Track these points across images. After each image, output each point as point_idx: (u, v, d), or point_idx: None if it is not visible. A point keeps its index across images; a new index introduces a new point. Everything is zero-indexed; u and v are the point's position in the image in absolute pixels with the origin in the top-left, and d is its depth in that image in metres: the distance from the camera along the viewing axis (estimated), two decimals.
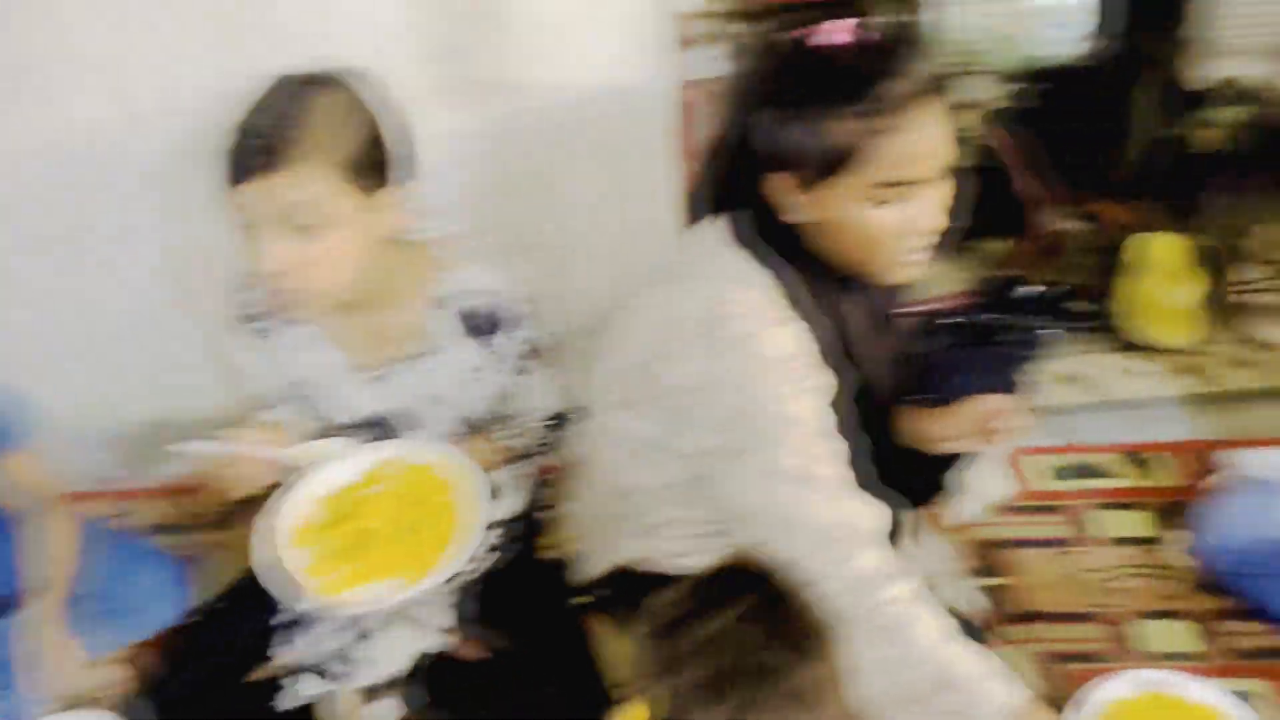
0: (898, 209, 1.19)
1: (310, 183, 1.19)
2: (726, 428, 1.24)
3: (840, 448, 1.26)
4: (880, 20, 1.19)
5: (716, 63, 2.15)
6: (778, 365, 1.22)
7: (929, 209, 1.20)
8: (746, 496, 1.26)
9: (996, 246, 2.41)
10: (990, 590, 1.77)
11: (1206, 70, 2.16)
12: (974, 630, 1.63)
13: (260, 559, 1.27)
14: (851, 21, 1.20)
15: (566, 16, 1.68)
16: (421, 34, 1.63)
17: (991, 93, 2.12)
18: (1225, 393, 2.07)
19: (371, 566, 1.26)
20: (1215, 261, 2.27)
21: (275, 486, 1.32)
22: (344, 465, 1.34)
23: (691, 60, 2.09)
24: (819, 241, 1.26)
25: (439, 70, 1.66)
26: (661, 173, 1.87)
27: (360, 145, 1.22)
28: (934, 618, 1.21)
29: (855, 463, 1.27)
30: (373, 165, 1.24)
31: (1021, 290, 2.19)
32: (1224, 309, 2.21)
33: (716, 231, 1.31)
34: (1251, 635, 1.68)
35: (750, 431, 1.23)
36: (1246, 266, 2.22)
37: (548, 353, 1.51)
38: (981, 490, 1.47)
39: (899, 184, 1.17)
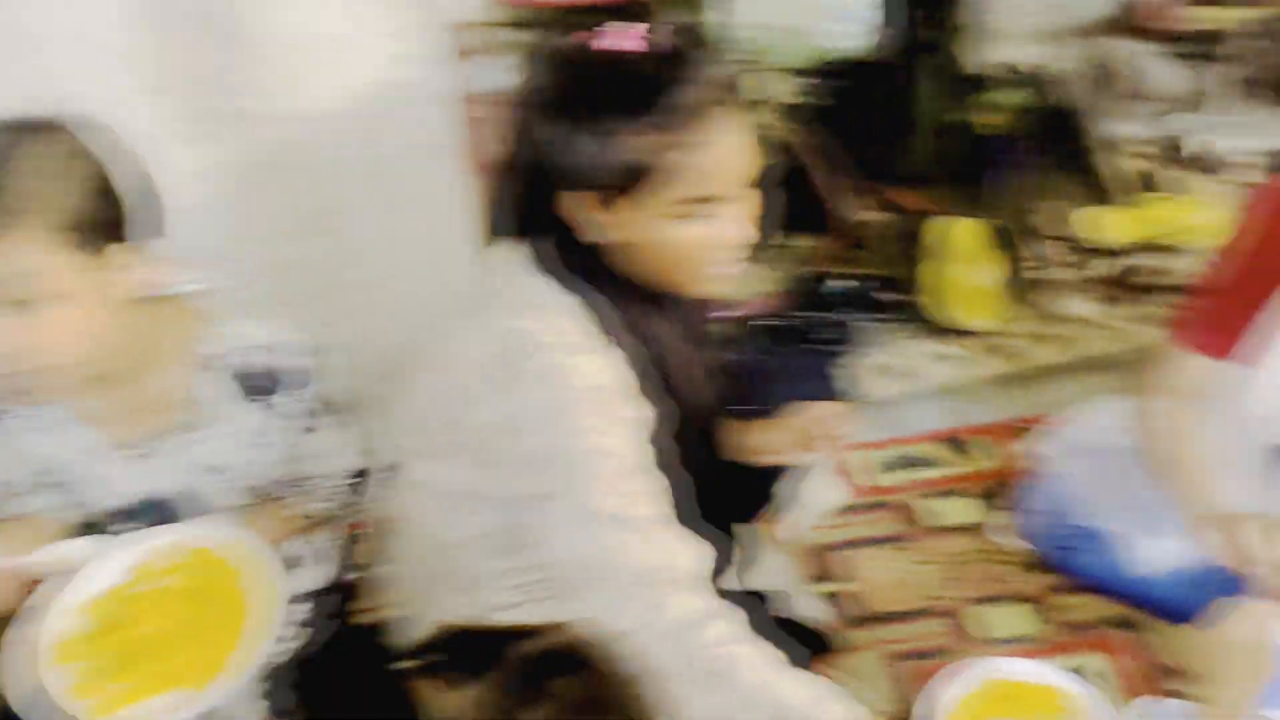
0: (704, 224, 1.14)
1: (24, 251, 1.03)
2: (535, 469, 1.17)
3: (658, 483, 1.20)
4: (668, 23, 1.12)
5: (501, 74, 2.05)
6: (587, 397, 1.15)
7: (736, 222, 1.15)
8: (558, 541, 1.19)
9: (802, 244, 2.41)
10: (831, 596, 1.74)
11: (986, 55, 2.21)
12: (819, 641, 1.62)
13: (15, 685, 1.09)
14: (639, 25, 1.14)
15: (328, 34, 1.53)
16: (158, 62, 1.45)
17: (783, 89, 2.10)
18: (1032, 369, 2.12)
19: (151, 678, 1.11)
20: (1009, 241, 2.33)
21: (28, 598, 1.14)
22: (107, 563, 1.18)
23: (474, 72, 1.98)
24: (624, 260, 1.20)
25: (182, 102, 1.48)
26: (451, 197, 1.75)
27: (84, 200, 1.06)
28: (759, 652, 1.17)
29: (676, 497, 1.21)
30: (101, 221, 1.08)
31: (830, 286, 2.19)
32: (1022, 287, 2.27)
33: (515, 257, 1.24)
34: (1084, 609, 1.71)
35: (559, 472, 1.16)
36: (1038, 244, 2.29)
37: (340, 406, 1.39)
38: (812, 499, 1.44)
39: (703, 199, 1.11)
